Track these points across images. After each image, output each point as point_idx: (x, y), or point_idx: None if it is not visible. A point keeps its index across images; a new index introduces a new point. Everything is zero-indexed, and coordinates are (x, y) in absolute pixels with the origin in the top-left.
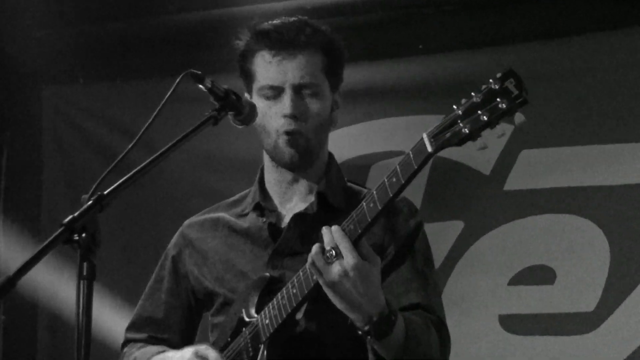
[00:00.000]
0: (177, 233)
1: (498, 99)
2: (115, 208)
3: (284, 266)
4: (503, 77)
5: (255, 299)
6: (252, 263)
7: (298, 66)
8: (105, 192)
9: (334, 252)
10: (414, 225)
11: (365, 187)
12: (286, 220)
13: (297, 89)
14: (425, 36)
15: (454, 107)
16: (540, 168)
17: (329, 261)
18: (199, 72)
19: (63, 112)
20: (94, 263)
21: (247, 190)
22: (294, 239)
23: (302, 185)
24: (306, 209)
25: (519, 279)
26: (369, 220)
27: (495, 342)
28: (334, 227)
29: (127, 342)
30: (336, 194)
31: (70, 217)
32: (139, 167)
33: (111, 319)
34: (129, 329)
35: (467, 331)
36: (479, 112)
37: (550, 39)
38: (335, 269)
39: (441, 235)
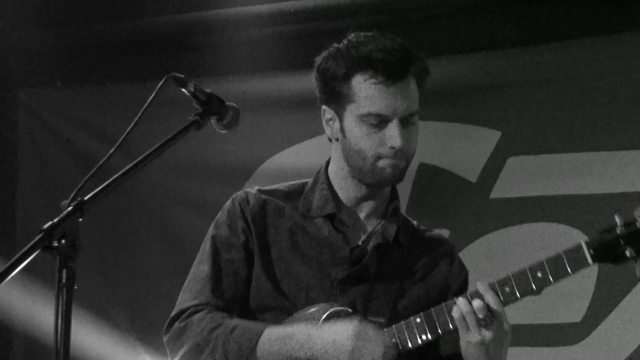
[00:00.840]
0: (238, 202)
1: None
2: (93, 217)
3: (353, 293)
4: None
5: None
6: (317, 277)
7: (407, 96)
8: (86, 198)
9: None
10: (464, 276)
11: (412, 219)
12: (360, 239)
13: (404, 120)
14: (413, 41)
15: (616, 225)
16: (528, 176)
17: (482, 323)
18: (182, 76)
19: (39, 116)
20: (74, 270)
21: (300, 183)
22: (369, 268)
23: (371, 205)
24: (384, 238)
25: None
26: (502, 307)
27: None
28: (491, 292)
29: (198, 305)
30: (402, 228)
31: (49, 223)
32: (120, 173)
33: (86, 334)
34: (201, 294)
35: None
36: None
37: (538, 44)
38: (489, 333)
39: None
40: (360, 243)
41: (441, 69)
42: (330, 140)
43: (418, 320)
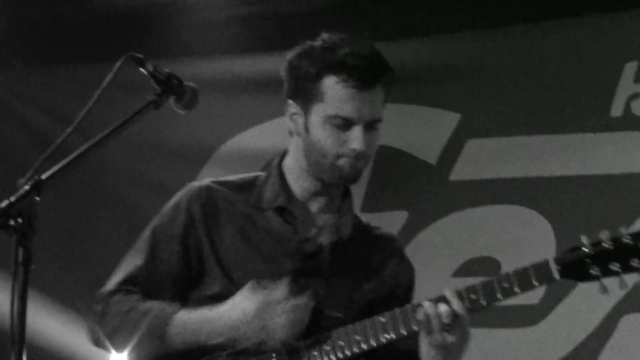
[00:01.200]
0: (186, 197)
1: (632, 257)
2: (52, 198)
3: (307, 286)
4: (637, 236)
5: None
6: (267, 268)
7: (373, 102)
8: (43, 177)
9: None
10: (412, 273)
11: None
12: (315, 234)
13: (368, 125)
14: (374, 23)
15: (583, 245)
16: (486, 158)
17: (447, 328)
18: (141, 56)
19: None
20: (30, 249)
21: (253, 175)
22: (323, 263)
23: (323, 200)
24: (339, 236)
25: (463, 271)
26: (467, 313)
27: None
28: (458, 298)
29: (119, 290)
30: (354, 222)
31: (6, 201)
32: (78, 152)
33: (43, 317)
34: (125, 282)
35: None
36: (610, 261)
37: (498, 28)
38: (451, 338)
39: (385, 225)
40: (310, 236)
41: (401, 51)
42: (290, 134)
43: (382, 319)
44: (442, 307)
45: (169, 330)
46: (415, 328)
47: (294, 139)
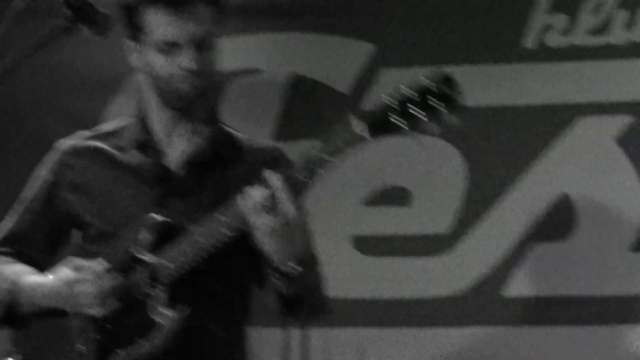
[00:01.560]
0: (54, 157)
1: (432, 99)
2: None
3: (172, 207)
4: (437, 78)
5: (147, 238)
6: (135, 199)
7: (197, 22)
8: None
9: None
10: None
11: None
12: (171, 159)
13: (196, 44)
14: None
15: (383, 96)
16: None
17: (269, 209)
18: None
19: None
20: None
21: (123, 122)
22: (183, 181)
23: (185, 127)
24: (196, 153)
25: (374, 200)
26: (288, 192)
27: (348, 263)
28: (275, 177)
29: None
30: (223, 142)
31: None
32: None
33: None
34: (5, 239)
35: (318, 252)
36: (412, 106)
37: None
38: (276, 218)
39: (297, 155)
40: (169, 163)
41: None
42: (136, 72)
43: (221, 216)
44: (261, 189)
45: (18, 294)
46: (245, 217)
47: (140, 77)
